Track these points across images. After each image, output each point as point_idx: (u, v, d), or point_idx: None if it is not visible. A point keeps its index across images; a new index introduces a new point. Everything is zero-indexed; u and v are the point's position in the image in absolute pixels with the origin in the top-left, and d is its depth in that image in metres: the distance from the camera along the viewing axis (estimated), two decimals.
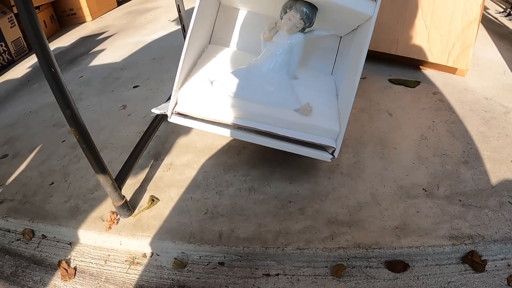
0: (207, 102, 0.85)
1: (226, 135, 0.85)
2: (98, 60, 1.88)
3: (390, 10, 1.34)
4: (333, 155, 0.84)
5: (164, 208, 0.90)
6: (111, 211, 0.91)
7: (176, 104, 0.87)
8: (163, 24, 2.23)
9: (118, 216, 0.90)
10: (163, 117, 1.13)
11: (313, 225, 0.83)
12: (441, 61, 1.33)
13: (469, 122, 1.12)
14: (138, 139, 1.03)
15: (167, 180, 0.98)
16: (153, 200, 0.92)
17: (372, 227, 0.81)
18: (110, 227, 0.87)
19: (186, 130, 1.16)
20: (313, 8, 0.93)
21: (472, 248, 0.77)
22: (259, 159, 1.01)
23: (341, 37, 1.07)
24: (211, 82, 0.87)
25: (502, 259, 0.77)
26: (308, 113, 0.85)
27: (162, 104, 1.13)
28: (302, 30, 0.96)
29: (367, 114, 1.16)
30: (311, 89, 0.97)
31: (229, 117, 0.83)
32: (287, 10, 0.93)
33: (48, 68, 0.64)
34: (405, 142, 1.04)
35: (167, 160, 1.06)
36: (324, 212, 0.85)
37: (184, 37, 1.33)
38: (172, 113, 0.86)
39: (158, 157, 1.07)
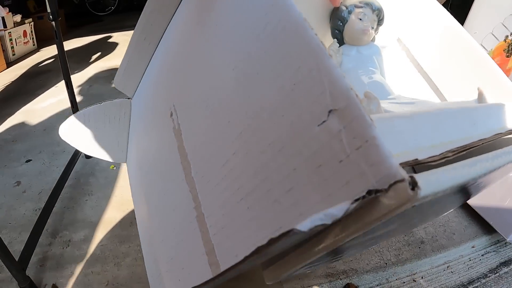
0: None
1: None
2: None
3: None
4: None
5: (67, 286, 0.99)
6: None
7: None
8: (53, 91, 2.27)
9: None
10: (59, 193, 1.22)
11: None
12: None
13: None
14: (35, 217, 1.11)
15: (67, 257, 1.08)
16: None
17: None
18: None
19: (81, 205, 1.27)
20: None
21: (347, 281, 0.96)
22: None
23: None
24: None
25: (377, 285, 0.98)
26: None
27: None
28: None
29: None
30: None
31: None
32: (351, 11, 0.68)
33: None
34: None
35: (65, 237, 1.15)
36: None
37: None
38: None
39: (56, 234, 1.16)
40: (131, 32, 0.64)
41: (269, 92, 0.35)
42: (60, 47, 1.36)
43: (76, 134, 0.91)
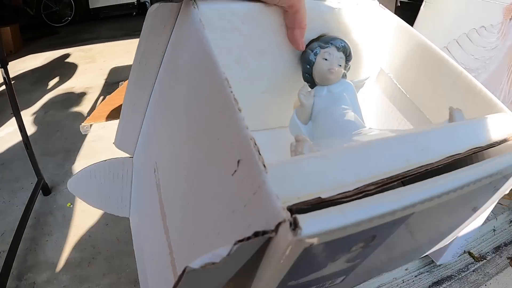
0: None
1: None
2: None
3: None
4: None
5: None
6: None
7: None
8: (9, 119, 2.28)
9: None
10: (21, 234, 1.29)
11: None
12: None
13: None
14: (0, 260, 1.18)
15: None
16: None
17: None
18: None
19: (42, 246, 1.35)
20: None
21: None
22: (107, 267, 1.24)
23: None
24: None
25: None
26: None
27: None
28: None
29: None
30: None
31: None
32: (317, 53, 0.65)
33: None
34: None
35: (30, 279, 1.23)
36: None
37: (26, 147, 1.50)
38: None
39: (21, 277, 1.24)
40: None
41: (205, 148, 0.41)
42: (11, 94, 1.41)
43: (84, 189, 0.93)
